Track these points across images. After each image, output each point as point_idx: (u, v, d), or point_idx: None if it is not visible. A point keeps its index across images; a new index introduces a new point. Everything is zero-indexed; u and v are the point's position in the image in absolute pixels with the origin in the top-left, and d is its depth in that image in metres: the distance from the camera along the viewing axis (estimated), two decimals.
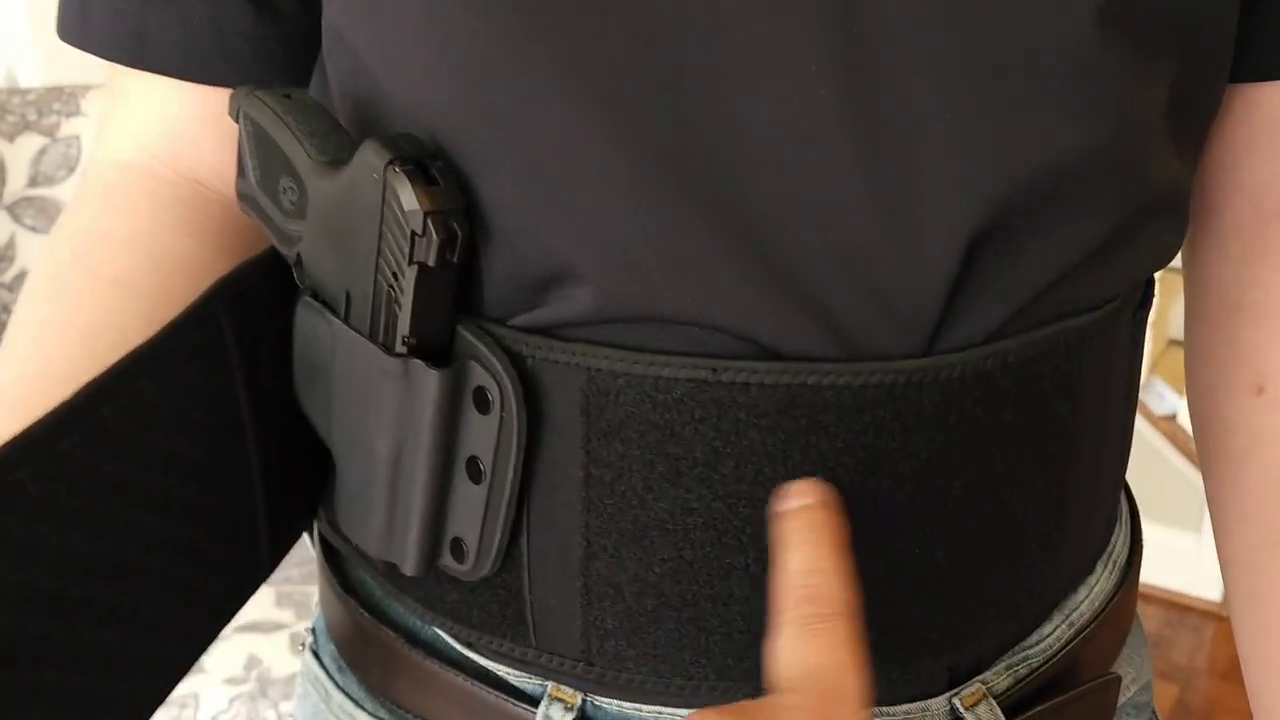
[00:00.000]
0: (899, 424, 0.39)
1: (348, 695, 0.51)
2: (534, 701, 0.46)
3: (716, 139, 0.37)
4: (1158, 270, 0.46)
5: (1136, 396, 0.49)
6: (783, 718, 0.32)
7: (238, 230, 0.51)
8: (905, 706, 0.45)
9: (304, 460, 0.49)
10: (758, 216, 0.37)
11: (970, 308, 0.39)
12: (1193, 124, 0.44)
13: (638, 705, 0.45)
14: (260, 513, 0.47)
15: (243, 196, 0.45)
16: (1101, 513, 0.48)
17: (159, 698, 0.44)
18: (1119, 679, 0.50)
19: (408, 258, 0.38)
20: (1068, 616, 0.48)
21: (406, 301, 0.39)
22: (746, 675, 0.43)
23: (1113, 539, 0.51)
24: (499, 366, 0.40)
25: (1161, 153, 0.42)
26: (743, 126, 0.37)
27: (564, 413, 0.40)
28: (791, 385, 0.39)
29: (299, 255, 0.43)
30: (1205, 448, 0.53)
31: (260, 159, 0.43)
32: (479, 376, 0.40)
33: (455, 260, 0.39)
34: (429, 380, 0.40)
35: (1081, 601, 0.49)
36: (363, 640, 0.50)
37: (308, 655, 0.55)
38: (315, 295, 0.44)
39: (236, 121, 0.44)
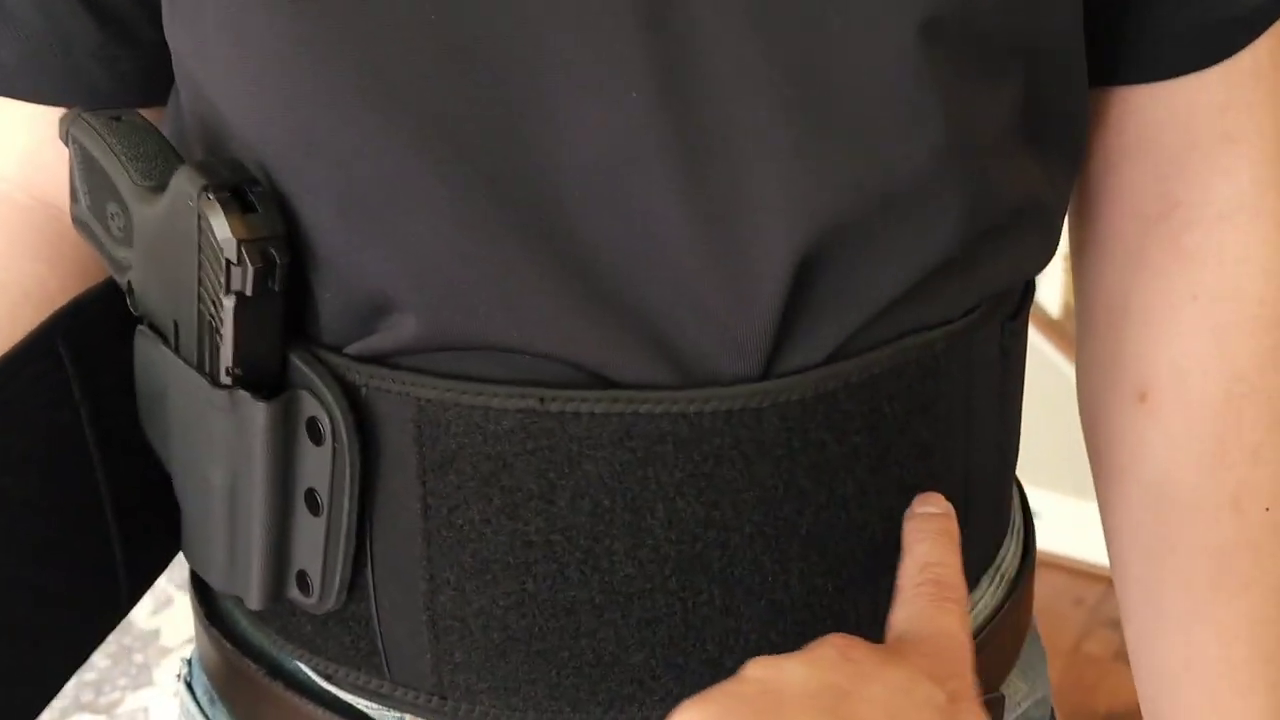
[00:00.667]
0: (738, 451, 0.38)
1: None
2: None
3: (539, 165, 0.35)
4: (1024, 279, 0.45)
5: (1016, 407, 0.48)
6: (912, 663, 0.35)
7: (93, 256, 0.50)
8: None
9: (159, 492, 0.48)
10: (583, 243, 0.36)
11: (805, 330, 0.38)
12: (1054, 135, 0.43)
13: None
14: (115, 547, 0.46)
15: (77, 222, 0.44)
16: (980, 529, 0.47)
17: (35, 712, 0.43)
18: (1002, 698, 0.49)
19: (224, 287, 0.37)
20: None
21: (227, 332, 0.38)
22: (602, 706, 0.41)
23: (1001, 552, 0.50)
24: (329, 396, 0.38)
25: (1010, 166, 0.40)
26: (565, 152, 0.35)
27: (398, 443, 0.39)
28: (625, 414, 0.37)
29: (130, 283, 0.42)
30: (1094, 459, 0.52)
31: (89, 184, 0.42)
32: (310, 407, 0.39)
33: (277, 288, 0.37)
34: (256, 412, 0.38)
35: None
36: (230, 672, 0.49)
37: (181, 687, 0.54)
38: (150, 324, 0.42)
39: (67, 146, 0.43)
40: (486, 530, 0.39)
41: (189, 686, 0.53)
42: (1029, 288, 0.48)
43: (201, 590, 0.51)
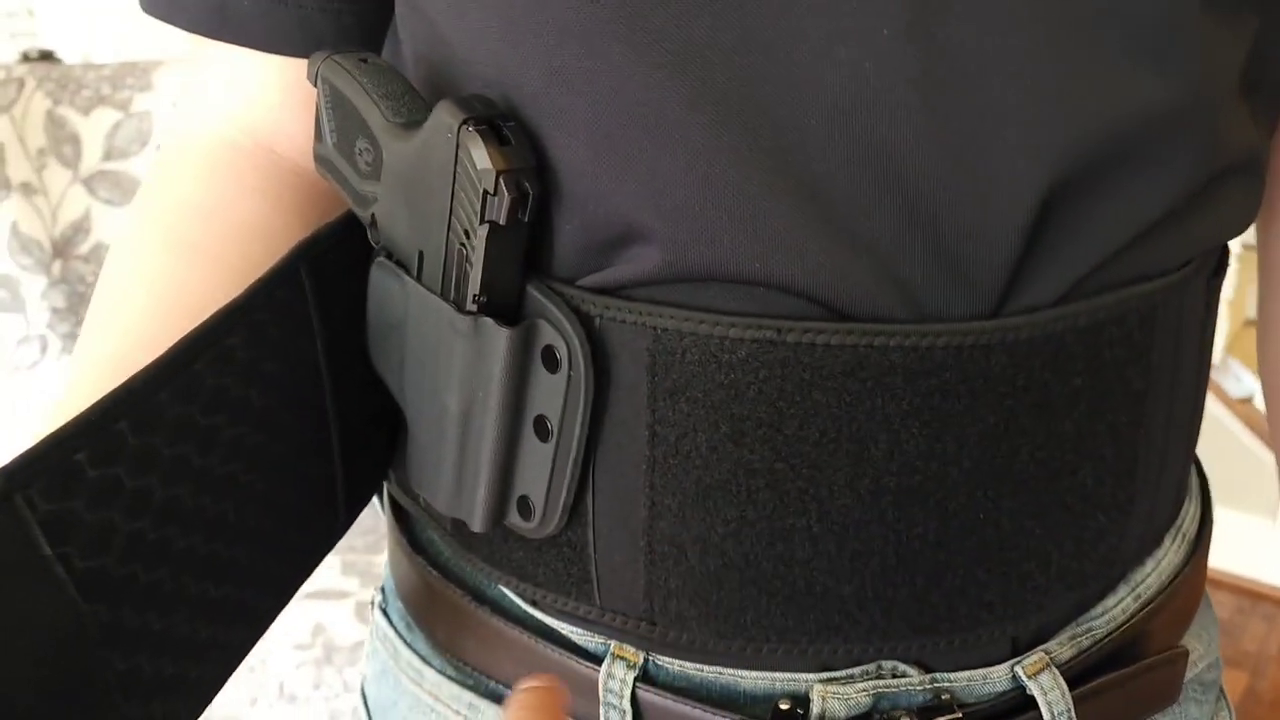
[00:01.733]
0: (966, 387, 0.39)
1: (415, 652, 0.53)
2: (597, 660, 0.46)
3: (786, 100, 0.37)
4: (1232, 238, 0.46)
5: (1209, 367, 0.49)
6: None
7: (312, 198, 0.52)
8: (966, 674, 0.45)
9: (375, 422, 0.50)
10: (825, 177, 0.37)
11: (1040, 270, 0.39)
12: (1265, 92, 0.43)
13: (699, 665, 0.45)
14: (338, 471, 0.48)
15: (320, 160, 0.46)
16: (1170, 484, 0.48)
17: (249, 647, 0.45)
18: (1186, 653, 0.50)
19: (479, 216, 0.39)
20: (1134, 589, 0.48)
21: (478, 260, 0.40)
22: (808, 636, 0.43)
23: (1182, 512, 0.51)
24: (568, 325, 0.40)
25: (1237, 117, 0.41)
26: (813, 90, 0.37)
27: (630, 372, 0.41)
28: (858, 347, 0.39)
29: (373, 216, 0.44)
30: (1275, 421, 0.52)
31: (337, 122, 0.44)
32: (548, 335, 0.41)
33: (526, 219, 0.39)
34: (499, 338, 0.40)
35: (1149, 574, 0.49)
36: (430, 598, 0.51)
37: (376, 614, 0.56)
38: (389, 255, 0.44)
39: (315, 86, 0.45)
40: (712, 457, 0.41)
41: (384, 613, 0.55)
42: (1225, 250, 0.48)
43: (402, 520, 0.53)
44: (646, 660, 0.46)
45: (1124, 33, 0.36)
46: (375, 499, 0.55)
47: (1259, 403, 2.11)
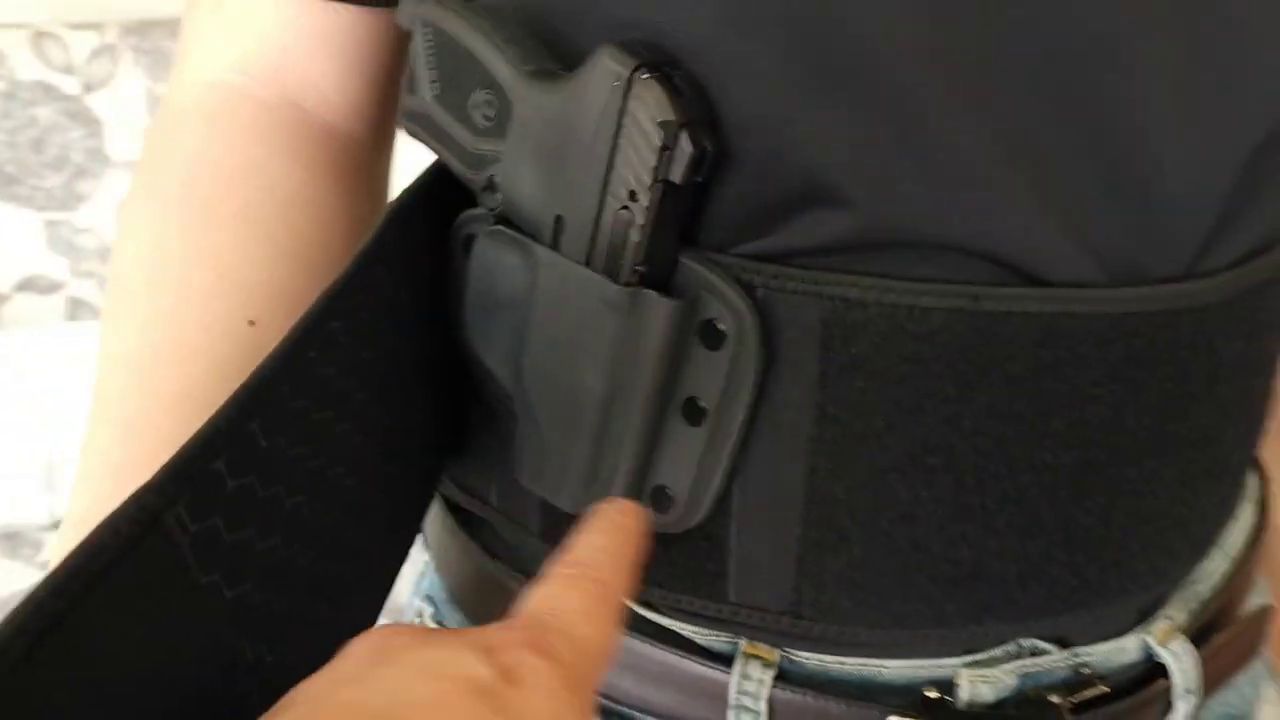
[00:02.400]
0: (1152, 353, 0.38)
1: None
2: (724, 660, 0.43)
3: (1000, 52, 0.34)
4: None
5: None
6: (465, 639, 0.28)
7: (345, 159, 0.46)
8: (1104, 646, 0.44)
9: (449, 414, 0.45)
10: (1028, 133, 0.35)
11: (1235, 227, 0.38)
12: None
13: (840, 659, 0.43)
14: (415, 469, 0.43)
15: (412, 115, 0.41)
16: (1255, 452, 0.49)
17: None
18: (1273, 608, 0.51)
19: (652, 175, 0.35)
20: (1225, 550, 0.49)
21: (645, 224, 0.36)
22: (965, 617, 0.41)
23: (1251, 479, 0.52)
24: (736, 299, 0.37)
25: None
26: (1025, 39, 0.34)
27: (798, 347, 0.38)
28: (1055, 314, 0.37)
29: (491, 178, 0.39)
30: None
31: (444, 72, 0.39)
32: (710, 309, 0.37)
33: (701, 179, 0.35)
34: (660, 312, 0.36)
35: (1233, 535, 0.49)
36: (508, 605, 0.46)
37: (430, 627, 0.50)
38: (505, 221, 0.39)
39: (407, 30, 0.40)
40: (888, 437, 0.38)
41: (441, 625, 0.50)
42: None
43: (463, 519, 0.48)
44: (782, 658, 0.43)
45: None
46: None
47: None
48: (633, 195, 0.35)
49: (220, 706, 0.30)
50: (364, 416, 0.38)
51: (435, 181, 0.41)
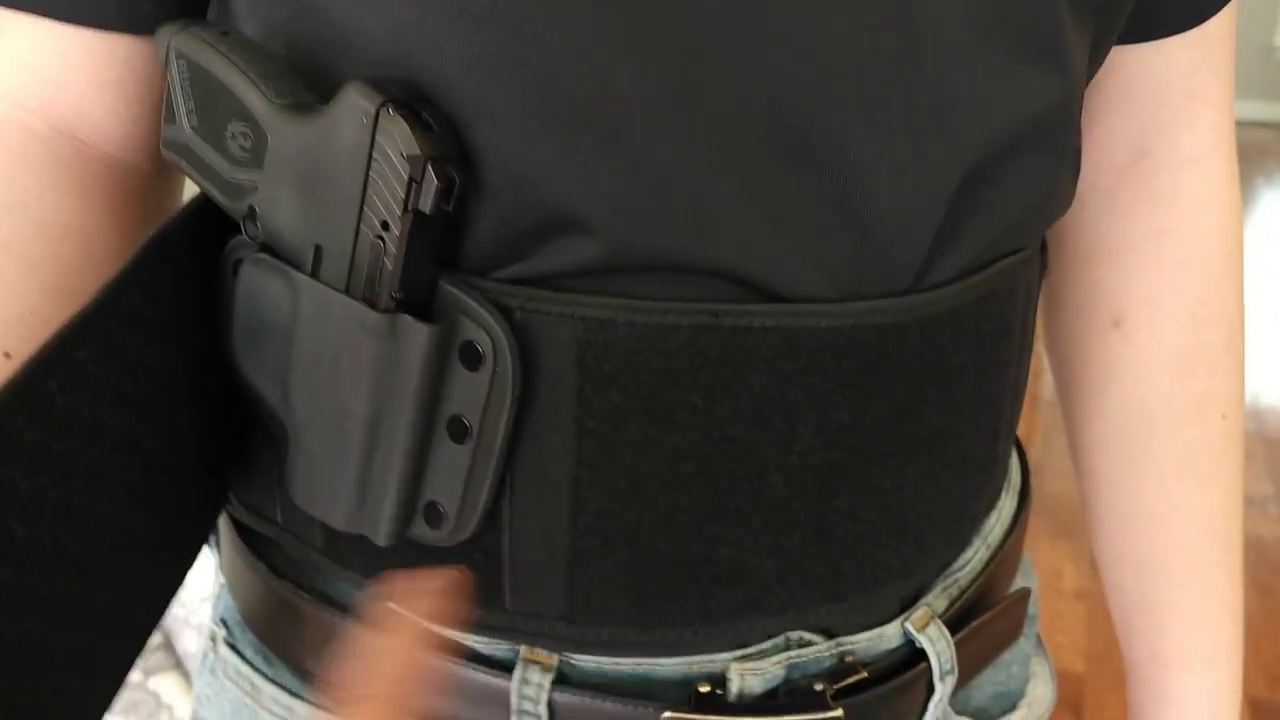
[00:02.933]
0: (884, 361, 0.41)
1: (281, 686, 0.48)
2: (505, 667, 0.44)
3: (728, 94, 0.37)
4: (1060, 217, 0.51)
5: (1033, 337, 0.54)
6: None
7: (123, 190, 0.46)
8: (865, 635, 0.47)
9: (227, 434, 0.46)
10: (765, 167, 0.38)
11: (949, 248, 0.41)
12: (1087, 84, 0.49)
13: (616, 659, 0.45)
14: (193, 490, 0.44)
15: (171, 145, 0.41)
16: (1009, 444, 0.52)
17: (111, 695, 0.40)
18: (1029, 591, 0.55)
19: (402, 206, 0.36)
20: (985, 539, 0.52)
21: (398, 253, 0.37)
22: (730, 614, 0.43)
23: (1009, 465, 0.56)
24: (491, 320, 0.38)
25: (1080, 109, 0.45)
26: (752, 84, 0.37)
27: (555, 364, 0.39)
28: (791, 327, 0.39)
29: (251, 207, 0.40)
30: (1066, 383, 0.59)
31: (199, 103, 0.39)
32: (468, 331, 0.38)
33: (450, 209, 0.37)
34: (418, 336, 0.38)
35: (993, 525, 0.53)
36: (296, 624, 0.47)
37: (223, 650, 0.51)
38: (268, 250, 0.40)
39: (163, 62, 0.40)
40: (644, 446, 0.40)
41: (232, 648, 0.50)
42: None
43: (252, 539, 0.49)
44: (560, 661, 0.44)
45: (1027, 33, 0.39)
46: None
47: None
48: (385, 225, 0.37)
49: None
50: (122, 441, 0.38)
51: (200, 210, 0.42)
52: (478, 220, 0.38)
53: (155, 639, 1.31)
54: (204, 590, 1.29)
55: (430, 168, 0.36)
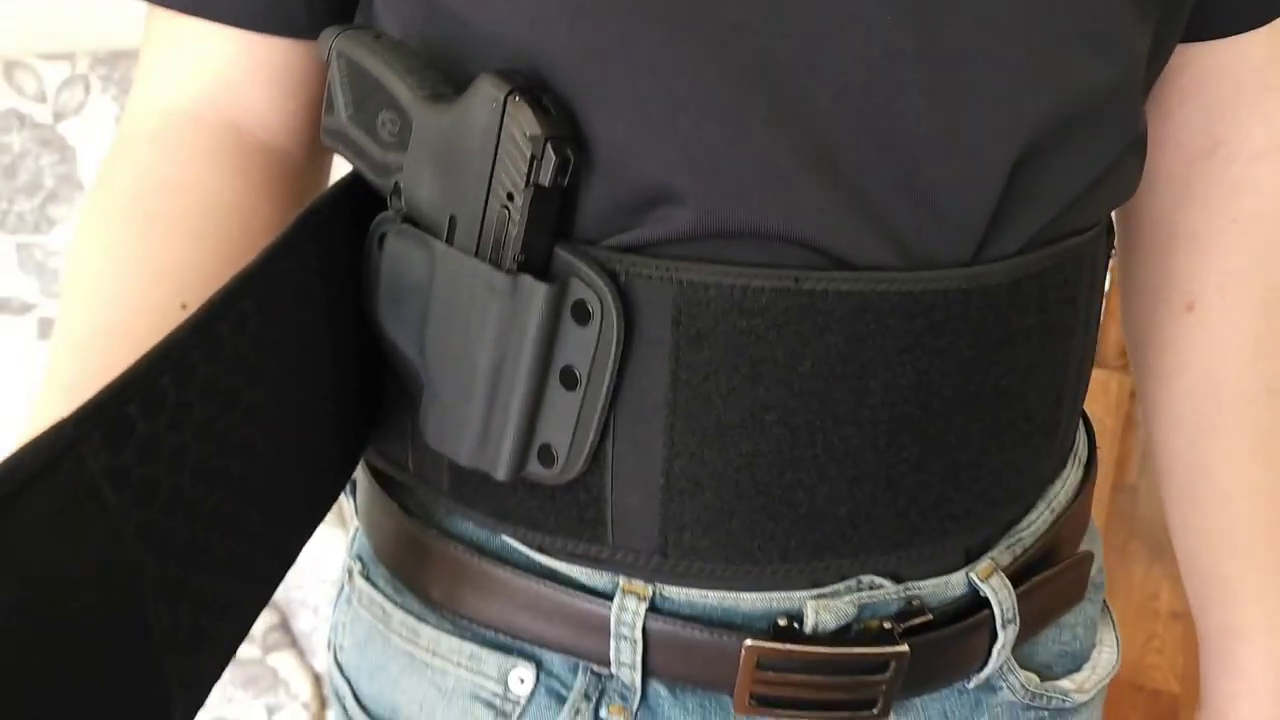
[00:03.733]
0: (950, 325, 0.46)
1: (409, 612, 0.54)
2: (606, 596, 0.50)
3: (806, 78, 0.42)
4: (1126, 200, 0.54)
5: (1102, 307, 0.57)
6: None
7: (280, 175, 0.53)
8: (931, 582, 0.51)
9: (360, 391, 0.52)
10: (839, 145, 0.43)
11: (1009, 224, 0.46)
12: (1152, 75, 0.52)
13: (704, 592, 0.50)
14: (331, 439, 0.50)
15: (331, 133, 0.48)
16: (1078, 411, 0.56)
17: (258, 610, 0.46)
18: (1092, 555, 0.58)
19: (525, 180, 0.42)
20: (1049, 504, 0.56)
21: (520, 220, 0.43)
22: (807, 555, 0.48)
23: (1076, 439, 0.59)
24: (599, 281, 0.44)
25: (1142, 97, 0.49)
26: (828, 68, 0.42)
27: (655, 323, 0.45)
28: (864, 293, 0.44)
29: (397, 184, 0.46)
30: (1142, 364, 0.62)
31: (355, 95, 0.46)
32: (579, 290, 0.44)
33: (565, 183, 0.43)
34: (536, 293, 0.44)
35: (1059, 491, 0.57)
36: (422, 558, 0.53)
37: (359, 582, 0.57)
38: (410, 221, 0.47)
39: (325, 60, 0.47)
40: (731, 398, 0.45)
41: (368, 579, 0.57)
42: (1112, 219, 0.57)
43: (386, 484, 0.55)
44: (654, 593, 0.50)
45: (1078, 21, 0.43)
46: None
47: None
48: (510, 197, 0.43)
49: (122, 602, 0.36)
50: (277, 387, 0.44)
51: (350, 189, 0.48)
52: (589, 194, 0.44)
53: (273, 619, 1.40)
54: (321, 574, 1.37)
55: (549, 146, 0.42)
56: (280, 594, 1.41)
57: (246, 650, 1.30)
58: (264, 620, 1.35)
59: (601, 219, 0.45)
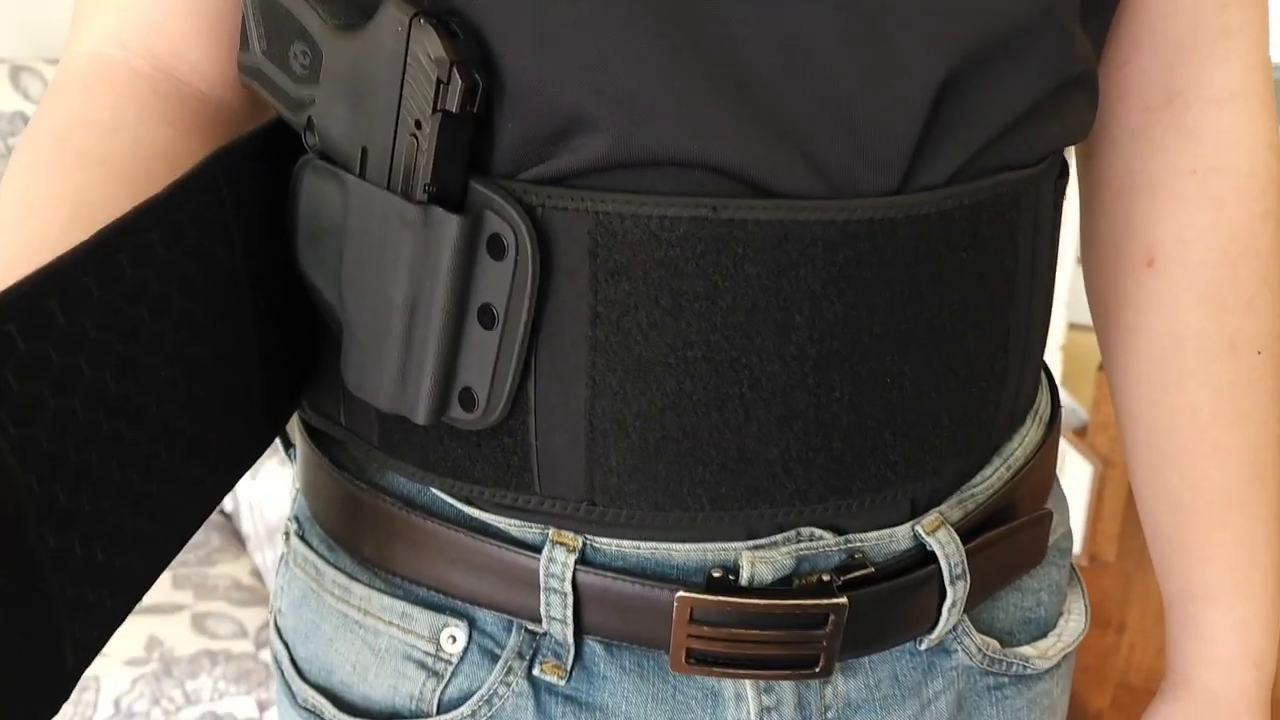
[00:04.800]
0: (877, 256, 0.44)
1: (341, 570, 0.53)
2: (535, 549, 0.49)
3: (721, 11, 0.41)
4: (1075, 142, 0.53)
5: (1056, 260, 0.55)
6: None
7: (217, 123, 0.52)
8: (875, 534, 0.49)
9: (293, 339, 0.51)
10: (755, 68, 0.41)
11: (936, 152, 0.44)
12: (1099, 15, 0.51)
13: (636, 543, 0.48)
14: (258, 381, 0.49)
15: (246, 69, 0.47)
16: (1032, 367, 0.54)
17: (173, 550, 0.45)
18: (1050, 514, 0.56)
19: (432, 106, 0.41)
20: (1005, 460, 0.54)
21: (428, 149, 0.42)
22: (739, 501, 0.46)
23: (1038, 397, 0.57)
24: (513, 214, 0.43)
25: (1078, 33, 0.48)
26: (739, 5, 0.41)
27: (572, 256, 0.44)
28: (784, 221, 0.43)
29: (310, 119, 0.45)
30: (1103, 320, 0.60)
31: (268, 28, 0.45)
32: (494, 224, 0.43)
33: (474, 110, 0.42)
34: (449, 225, 0.42)
35: (1015, 448, 0.55)
36: (355, 514, 0.52)
37: (294, 541, 0.56)
38: (325, 158, 0.46)
39: None
40: (652, 333, 0.44)
41: (302, 539, 0.56)
42: (1065, 164, 0.55)
43: (320, 441, 0.54)
44: (584, 544, 0.48)
45: None
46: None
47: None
48: (418, 124, 0.42)
49: (6, 536, 0.35)
50: (187, 319, 0.43)
51: (272, 130, 0.48)
52: (501, 125, 0.43)
53: (266, 615, 1.39)
54: None
55: (456, 70, 0.41)
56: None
57: (239, 645, 1.30)
58: (257, 616, 1.34)
59: (516, 151, 0.44)
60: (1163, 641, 1.93)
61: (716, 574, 0.48)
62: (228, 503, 1.51)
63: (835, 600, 0.48)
